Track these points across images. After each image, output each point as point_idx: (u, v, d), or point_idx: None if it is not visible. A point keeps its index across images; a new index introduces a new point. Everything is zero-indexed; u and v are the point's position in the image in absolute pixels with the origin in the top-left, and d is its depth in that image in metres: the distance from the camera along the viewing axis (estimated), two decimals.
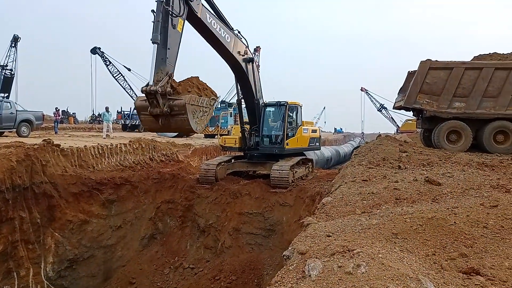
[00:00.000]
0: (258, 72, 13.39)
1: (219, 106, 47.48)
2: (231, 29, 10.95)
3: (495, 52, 14.55)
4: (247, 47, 12.03)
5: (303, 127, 14.41)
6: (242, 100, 13.79)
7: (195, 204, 13.05)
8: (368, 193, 6.47)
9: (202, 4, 9.61)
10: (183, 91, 8.65)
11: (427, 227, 4.27)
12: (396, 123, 61.70)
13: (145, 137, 18.16)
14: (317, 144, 15.97)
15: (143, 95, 8.57)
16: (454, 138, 13.03)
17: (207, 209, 12.76)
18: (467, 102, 12.70)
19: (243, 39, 11.69)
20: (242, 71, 12.08)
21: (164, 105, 8.37)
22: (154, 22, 8.18)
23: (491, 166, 8.95)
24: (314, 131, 15.64)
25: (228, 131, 23.50)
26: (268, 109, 14.24)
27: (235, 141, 14.21)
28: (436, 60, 12.99)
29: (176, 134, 29.12)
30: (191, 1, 9.06)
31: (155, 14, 8.21)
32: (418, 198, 6.01)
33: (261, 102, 13.77)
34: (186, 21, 9.06)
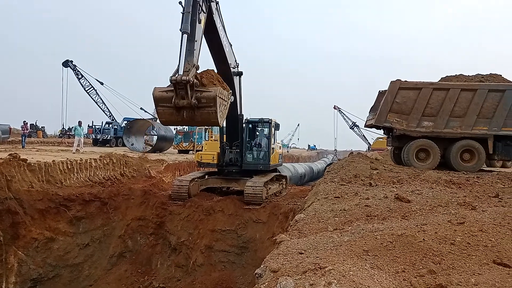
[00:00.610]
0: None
1: None
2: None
3: (461, 74, 15.15)
4: (235, 61, 12.25)
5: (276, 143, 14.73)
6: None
7: (166, 221, 12.80)
8: (340, 210, 6.52)
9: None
10: (208, 83, 8.46)
11: (397, 244, 4.32)
12: (367, 140, 62.99)
13: (116, 152, 17.78)
14: (281, 160, 16.49)
15: (163, 85, 8.40)
16: (423, 156, 13.38)
17: (179, 226, 12.54)
18: (435, 122, 13.11)
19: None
20: (232, 84, 12.14)
21: (191, 97, 8.12)
22: (183, 13, 8.28)
23: (458, 183, 9.22)
24: (279, 147, 16.15)
25: (202, 146, 23.39)
26: (251, 125, 14.52)
27: (213, 157, 14.09)
28: (406, 81, 13.42)
29: (149, 149, 28.73)
30: (212, 1, 9.22)
31: (184, 5, 8.29)
32: (389, 215, 6.10)
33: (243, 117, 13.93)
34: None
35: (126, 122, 36.08)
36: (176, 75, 7.95)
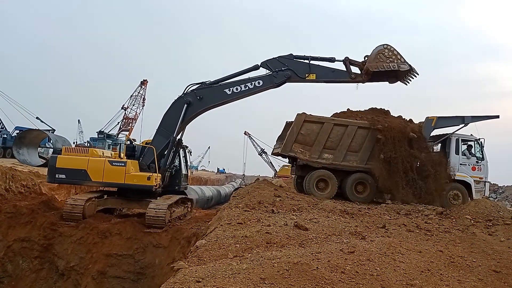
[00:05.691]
0: (143, 107, 13.37)
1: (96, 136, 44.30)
2: None
3: (348, 109, 16.31)
4: None
5: None
6: None
7: (55, 243, 11.67)
8: (242, 236, 6.57)
9: None
10: None
11: (292, 271, 4.46)
12: (274, 167, 65.31)
13: (3, 164, 15.91)
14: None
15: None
16: (322, 186, 14.17)
17: (70, 250, 11.51)
18: (334, 154, 14.06)
19: None
20: None
21: None
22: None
23: (351, 213, 9.91)
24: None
25: None
26: (180, 150, 14.81)
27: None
28: (311, 114, 14.27)
29: (42, 163, 26.23)
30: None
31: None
32: (287, 243, 6.30)
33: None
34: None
35: (18, 131, 32.75)
36: None
